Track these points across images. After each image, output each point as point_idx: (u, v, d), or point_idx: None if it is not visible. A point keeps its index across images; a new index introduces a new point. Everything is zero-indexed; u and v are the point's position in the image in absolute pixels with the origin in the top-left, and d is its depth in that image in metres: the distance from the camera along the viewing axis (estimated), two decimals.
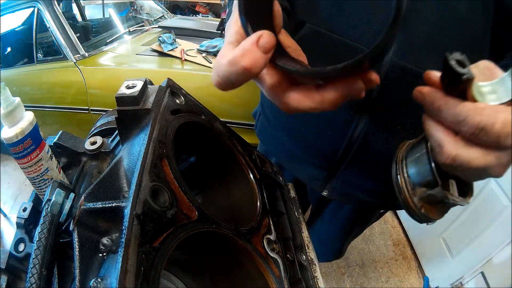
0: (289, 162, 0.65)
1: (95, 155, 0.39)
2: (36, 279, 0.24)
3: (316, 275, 0.39)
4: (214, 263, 0.38)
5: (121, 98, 0.31)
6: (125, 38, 1.95)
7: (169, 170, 0.29)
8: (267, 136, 0.69)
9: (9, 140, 0.30)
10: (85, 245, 0.23)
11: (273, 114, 0.64)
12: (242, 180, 0.42)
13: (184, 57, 1.61)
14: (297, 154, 0.62)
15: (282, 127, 0.62)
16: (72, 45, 1.63)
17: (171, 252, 0.24)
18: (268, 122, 0.66)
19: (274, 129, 0.64)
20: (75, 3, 2.27)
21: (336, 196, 0.62)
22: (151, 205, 0.24)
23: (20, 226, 0.33)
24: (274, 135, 0.65)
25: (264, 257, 0.34)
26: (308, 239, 0.43)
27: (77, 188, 0.37)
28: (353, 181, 0.58)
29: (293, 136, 0.61)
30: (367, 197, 0.61)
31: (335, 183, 0.60)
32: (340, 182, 0.59)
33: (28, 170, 0.33)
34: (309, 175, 0.62)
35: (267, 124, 0.67)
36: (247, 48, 0.23)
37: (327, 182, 0.61)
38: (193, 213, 0.29)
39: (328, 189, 0.62)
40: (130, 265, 0.20)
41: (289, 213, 0.45)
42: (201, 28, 2.07)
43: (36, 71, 1.71)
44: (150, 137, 0.29)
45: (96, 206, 0.24)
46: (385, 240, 1.84)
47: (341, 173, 0.58)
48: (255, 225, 0.36)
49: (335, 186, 0.60)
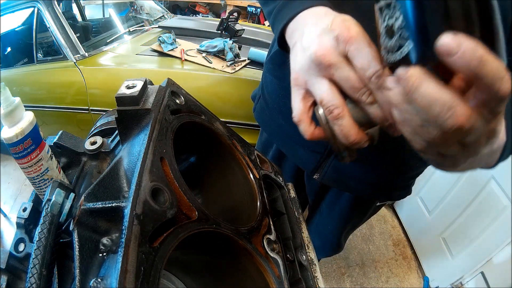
0: (286, 144, 0.69)
1: (95, 155, 0.39)
2: (36, 279, 0.24)
3: (316, 275, 0.39)
4: (214, 263, 0.38)
5: (121, 98, 0.31)
6: (125, 38, 1.94)
7: (169, 170, 0.29)
8: (265, 118, 0.72)
9: (9, 140, 0.30)
10: (85, 245, 0.23)
11: (272, 97, 0.67)
12: (242, 180, 0.42)
13: (184, 57, 1.61)
14: (293, 137, 0.64)
15: (280, 110, 0.65)
16: (72, 45, 1.63)
17: (171, 252, 0.24)
18: (266, 105, 0.69)
19: (273, 112, 0.67)
20: (75, 3, 2.27)
21: (327, 181, 0.66)
22: (151, 205, 0.24)
23: (20, 226, 0.33)
24: (272, 118, 0.68)
25: (264, 257, 0.34)
26: (308, 239, 0.43)
27: (77, 188, 0.37)
28: (344, 169, 0.62)
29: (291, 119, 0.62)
30: (359, 186, 0.65)
31: (327, 168, 0.64)
32: (331, 167, 0.63)
33: (28, 170, 0.33)
34: (303, 158, 0.66)
35: (266, 107, 0.69)
36: None
37: (319, 167, 0.64)
38: (193, 213, 0.29)
39: (319, 173, 0.65)
40: (130, 265, 0.20)
41: (289, 213, 0.45)
42: (201, 28, 2.07)
43: (36, 71, 1.71)
44: (150, 137, 0.29)
45: (96, 206, 0.24)
46: (385, 240, 1.84)
47: (332, 159, 0.62)
48: (255, 225, 0.36)
49: (326, 171, 0.64)
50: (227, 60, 1.59)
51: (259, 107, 0.73)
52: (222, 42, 1.64)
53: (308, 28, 0.33)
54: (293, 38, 0.37)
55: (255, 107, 0.75)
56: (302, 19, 0.36)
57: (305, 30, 0.34)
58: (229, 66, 1.56)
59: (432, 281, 1.57)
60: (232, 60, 1.59)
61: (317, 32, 0.31)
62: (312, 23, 0.34)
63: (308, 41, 0.32)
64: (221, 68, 1.53)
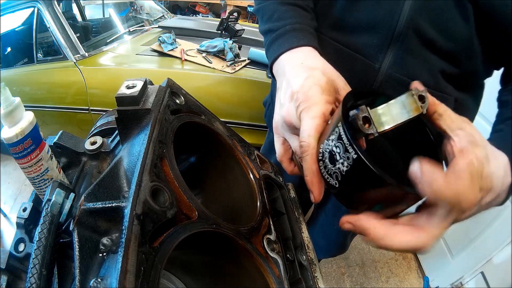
0: None
1: (95, 155, 0.39)
2: (36, 279, 0.24)
3: (316, 275, 0.39)
4: (214, 263, 0.38)
5: (121, 98, 0.31)
6: (125, 38, 1.95)
7: (169, 170, 0.29)
8: None
9: (9, 140, 0.30)
10: (85, 245, 0.23)
11: None
12: (242, 180, 0.42)
13: (184, 57, 1.61)
14: None
15: None
16: (72, 45, 1.63)
17: (171, 252, 0.24)
18: None
19: None
20: (75, 3, 2.27)
21: None
22: (151, 205, 0.24)
23: (20, 226, 0.33)
24: None
25: (264, 257, 0.34)
26: (308, 239, 0.43)
27: (77, 188, 0.37)
28: None
29: None
30: None
31: None
32: None
33: (28, 170, 0.33)
34: None
35: None
36: None
37: None
38: (193, 213, 0.29)
39: None
40: (130, 265, 0.20)
41: (289, 213, 0.45)
42: (201, 28, 2.07)
43: (36, 71, 1.71)
44: (150, 137, 0.29)
45: (96, 206, 0.24)
46: None
47: None
48: (255, 225, 0.36)
49: None
50: (227, 60, 1.59)
51: (269, 113, 0.76)
52: (222, 42, 1.64)
53: (285, 83, 0.39)
54: (278, 79, 0.43)
55: (266, 113, 0.79)
56: (282, 65, 0.42)
57: (283, 83, 0.40)
58: (229, 66, 1.56)
59: (432, 281, 1.57)
60: (232, 60, 1.59)
61: (288, 94, 0.37)
62: (289, 76, 0.39)
63: (283, 100, 0.39)
64: (221, 68, 1.53)
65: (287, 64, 0.41)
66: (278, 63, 0.43)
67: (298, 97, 0.35)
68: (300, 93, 0.35)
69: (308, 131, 0.33)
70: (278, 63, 0.43)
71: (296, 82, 0.37)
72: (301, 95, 0.35)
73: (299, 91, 0.36)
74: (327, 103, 0.34)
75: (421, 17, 0.44)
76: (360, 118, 0.26)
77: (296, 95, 0.36)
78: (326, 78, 0.36)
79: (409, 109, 0.27)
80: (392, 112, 0.27)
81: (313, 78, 0.36)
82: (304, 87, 0.35)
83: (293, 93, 0.36)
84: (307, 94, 0.35)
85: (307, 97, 0.35)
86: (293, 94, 0.36)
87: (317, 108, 0.34)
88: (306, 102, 0.34)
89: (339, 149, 0.28)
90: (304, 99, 0.35)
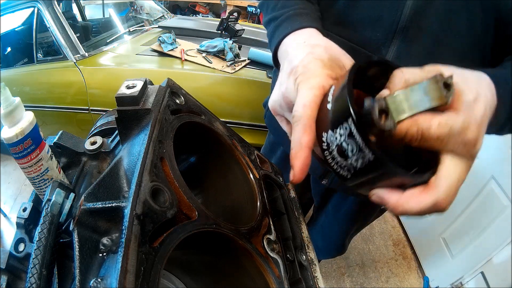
0: None
1: (95, 155, 0.39)
2: (36, 279, 0.24)
3: (316, 275, 0.39)
4: (214, 263, 0.38)
5: (121, 98, 0.31)
6: (125, 38, 1.94)
7: (169, 170, 0.29)
8: (275, 125, 0.73)
9: (9, 140, 0.30)
10: (85, 245, 0.23)
11: None
12: (242, 180, 0.42)
13: (184, 57, 1.61)
14: None
15: None
16: (72, 45, 1.63)
17: (171, 252, 0.24)
18: None
19: None
20: (75, 3, 2.27)
21: (335, 186, 0.68)
22: (151, 205, 0.24)
23: (20, 226, 0.33)
24: None
25: (264, 257, 0.34)
26: (308, 239, 0.43)
27: (77, 188, 0.37)
28: None
29: None
30: None
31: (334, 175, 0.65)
32: None
33: (28, 170, 0.33)
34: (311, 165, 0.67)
35: None
36: None
37: (327, 173, 0.67)
38: (193, 213, 0.29)
39: (328, 178, 0.67)
40: (130, 265, 0.20)
41: (289, 213, 0.45)
42: (201, 28, 2.07)
43: (36, 71, 1.71)
44: (150, 137, 0.29)
45: (96, 206, 0.24)
46: (385, 240, 1.84)
47: None
48: (255, 225, 0.36)
49: (335, 177, 0.65)
50: (227, 60, 1.59)
51: (269, 114, 0.75)
52: (222, 42, 1.64)
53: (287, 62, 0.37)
54: (281, 62, 0.41)
55: (266, 114, 0.78)
56: (284, 48, 0.40)
57: (285, 63, 0.37)
58: (229, 66, 1.56)
59: (432, 281, 1.57)
60: (232, 60, 1.59)
61: (287, 71, 0.35)
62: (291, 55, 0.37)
63: (282, 79, 0.36)
64: (221, 68, 1.53)
65: (289, 45, 0.39)
66: (281, 47, 0.41)
67: (297, 70, 0.33)
68: (299, 66, 0.33)
69: (303, 101, 0.30)
70: (281, 47, 0.41)
71: (297, 58, 0.35)
72: (300, 68, 0.33)
73: (298, 65, 0.33)
74: (328, 77, 0.31)
75: (425, 10, 0.43)
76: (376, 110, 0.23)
77: (295, 69, 0.33)
78: (328, 55, 0.34)
79: (431, 97, 0.23)
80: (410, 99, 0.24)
81: (315, 54, 0.33)
82: (304, 61, 0.33)
83: (292, 68, 0.34)
84: (307, 67, 0.32)
85: (307, 69, 0.32)
86: (292, 69, 0.34)
87: (316, 80, 0.31)
88: (305, 74, 0.32)
89: (351, 147, 0.25)
90: (303, 71, 0.32)
